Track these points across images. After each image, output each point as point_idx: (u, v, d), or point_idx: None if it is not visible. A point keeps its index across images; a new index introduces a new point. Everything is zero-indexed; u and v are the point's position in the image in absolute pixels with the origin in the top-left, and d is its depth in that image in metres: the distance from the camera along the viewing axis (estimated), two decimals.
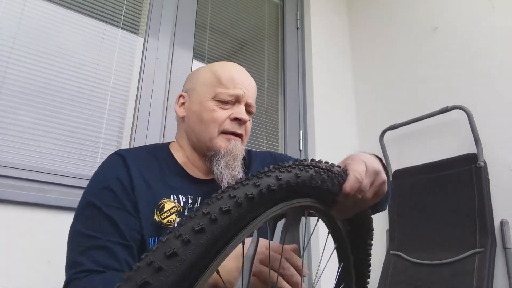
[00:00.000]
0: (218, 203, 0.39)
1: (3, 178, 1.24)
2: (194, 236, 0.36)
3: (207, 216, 0.38)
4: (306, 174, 0.48)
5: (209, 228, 0.37)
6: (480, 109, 1.70)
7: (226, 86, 0.89)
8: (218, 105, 0.88)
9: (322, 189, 0.51)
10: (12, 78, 1.36)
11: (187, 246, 0.35)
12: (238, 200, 0.40)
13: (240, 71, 0.94)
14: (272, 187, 0.44)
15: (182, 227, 0.37)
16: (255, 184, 0.43)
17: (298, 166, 0.48)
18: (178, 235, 0.36)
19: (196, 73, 0.97)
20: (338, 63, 2.39)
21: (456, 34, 1.91)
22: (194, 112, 0.90)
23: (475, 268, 1.48)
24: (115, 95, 1.58)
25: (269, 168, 0.46)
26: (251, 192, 0.42)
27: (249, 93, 0.92)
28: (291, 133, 2.09)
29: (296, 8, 2.38)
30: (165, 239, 0.36)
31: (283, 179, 0.45)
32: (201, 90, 0.91)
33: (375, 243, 0.65)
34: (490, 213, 1.55)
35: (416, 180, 1.85)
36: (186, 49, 1.81)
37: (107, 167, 0.84)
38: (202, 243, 0.36)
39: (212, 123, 0.87)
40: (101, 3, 1.62)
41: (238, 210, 0.40)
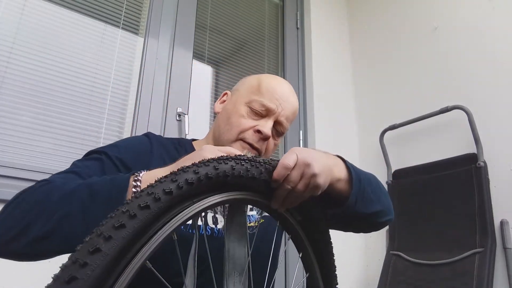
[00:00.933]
0: (136, 201, 0.42)
1: (3, 178, 1.24)
2: (114, 232, 0.39)
3: (125, 213, 0.41)
4: (225, 166, 0.51)
5: (129, 223, 0.40)
6: (480, 109, 1.70)
7: (262, 95, 0.87)
8: (248, 113, 0.87)
9: (249, 179, 0.54)
10: (12, 78, 1.36)
11: (109, 241, 0.38)
12: (155, 196, 0.43)
13: (284, 87, 0.91)
14: (190, 181, 0.46)
15: (103, 227, 0.40)
16: (173, 180, 0.45)
17: (217, 160, 0.51)
18: (100, 233, 0.39)
19: (248, 77, 0.97)
20: (338, 63, 2.39)
21: (456, 34, 1.91)
22: (226, 111, 0.90)
23: (475, 268, 1.48)
24: (115, 95, 1.58)
25: (189, 165, 0.48)
26: (168, 188, 0.44)
27: (284, 112, 0.87)
28: (291, 133, 2.09)
29: (296, 8, 2.38)
30: (88, 239, 0.39)
31: (200, 172, 0.48)
32: (241, 93, 0.91)
33: (375, 243, 0.66)
34: (490, 213, 1.55)
35: (416, 180, 1.85)
36: (186, 49, 1.81)
37: (131, 137, 0.87)
38: (124, 237, 0.39)
39: (236, 126, 0.86)
40: (101, 3, 1.62)
41: (157, 205, 0.43)
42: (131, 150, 0.80)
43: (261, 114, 0.86)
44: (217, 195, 0.51)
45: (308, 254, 0.66)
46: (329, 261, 0.68)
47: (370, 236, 2.06)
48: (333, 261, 0.68)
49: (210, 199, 0.50)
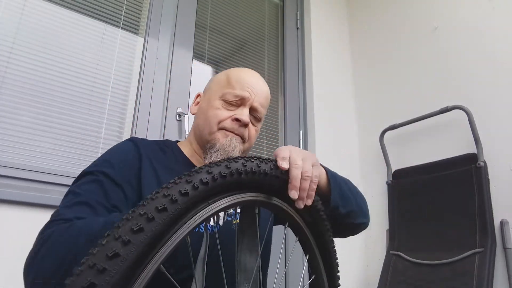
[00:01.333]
0: (153, 203, 0.41)
1: (3, 178, 1.24)
2: (133, 236, 0.37)
3: (144, 216, 0.39)
4: (236, 164, 0.51)
5: (147, 227, 0.39)
6: (480, 109, 1.70)
7: (233, 87, 0.90)
8: (223, 105, 0.89)
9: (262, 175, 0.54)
10: (12, 78, 1.36)
11: (127, 246, 0.37)
12: (172, 198, 0.42)
13: (252, 75, 0.94)
14: (205, 180, 0.46)
15: (120, 229, 0.38)
16: (188, 180, 0.45)
17: (227, 159, 0.51)
18: (118, 236, 0.37)
19: (216, 75, 1.00)
20: (338, 63, 2.39)
21: (456, 34, 1.91)
22: (202, 109, 0.93)
23: (475, 268, 1.48)
24: (115, 95, 1.58)
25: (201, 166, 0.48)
26: (184, 189, 0.43)
27: (257, 98, 0.91)
28: (291, 133, 2.09)
29: (296, 8, 2.38)
30: (104, 242, 0.37)
31: (214, 172, 0.47)
32: (213, 90, 0.94)
33: (375, 243, 0.66)
34: (490, 213, 1.55)
35: (416, 180, 1.85)
36: (186, 49, 1.81)
37: (116, 147, 0.87)
38: (142, 242, 0.38)
39: (213, 118, 0.88)
40: (101, 3, 1.62)
41: (174, 207, 0.42)
42: (123, 161, 0.80)
43: (236, 104, 0.89)
44: (231, 197, 0.50)
45: (315, 256, 0.66)
46: (334, 263, 0.68)
47: (370, 236, 2.06)
48: (336, 263, 0.68)
49: (224, 201, 0.49)
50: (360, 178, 2.19)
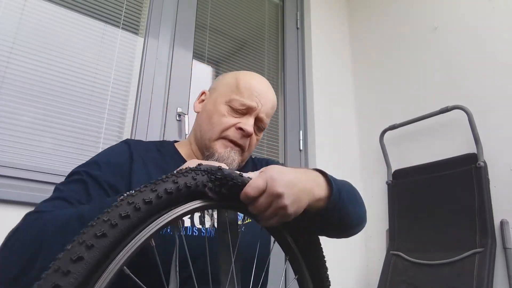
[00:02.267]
0: (117, 210, 0.44)
1: (3, 178, 1.24)
2: (96, 241, 0.40)
3: (107, 222, 0.42)
4: (202, 178, 0.53)
5: (110, 232, 0.41)
6: (480, 109, 1.70)
7: (242, 94, 0.88)
8: (229, 111, 0.88)
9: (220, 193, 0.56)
10: (12, 78, 1.36)
11: (91, 250, 0.39)
12: (136, 206, 0.44)
13: (262, 83, 0.92)
14: (169, 190, 0.48)
15: (84, 235, 0.41)
16: (152, 189, 0.47)
17: (194, 170, 0.53)
18: (82, 241, 0.40)
19: (225, 75, 0.98)
20: (338, 63, 2.39)
21: (456, 34, 1.91)
22: (206, 111, 0.91)
23: (475, 268, 1.48)
24: (115, 95, 1.58)
25: (166, 175, 0.50)
26: (148, 197, 0.46)
27: (264, 108, 0.89)
28: (291, 133, 2.09)
29: (296, 8, 2.38)
30: (69, 247, 0.39)
31: (179, 183, 0.50)
32: (220, 92, 0.91)
33: (375, 243, 0.66)
34: (490, 213, 1.55)
35: (416, 180, 1.85)
36: (186, 49, 1.81)
37: (109, 149, 0.88)
38: (105, 246, 0.41)
39: (218, 125, 0.87)
40: (101, 3, 1.62)
41: (137, 215, 0.44)
42: (112, 164, 0.80)
43: (242, 112, 0.87)
44: (194, 202, 0.52)
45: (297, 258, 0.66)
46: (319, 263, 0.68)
47: (370, 236, 2.06)
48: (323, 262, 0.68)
49: (186, 206, 0.51)
50: (360, 178, 2.19)
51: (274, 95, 0.94)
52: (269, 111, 0.92)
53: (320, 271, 0.68)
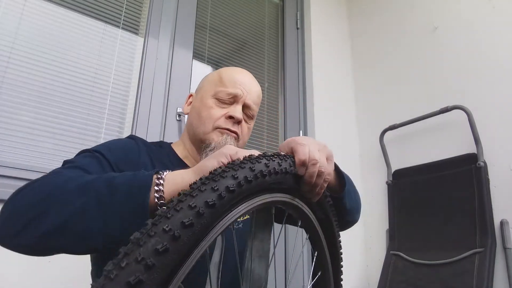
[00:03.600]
0: (178, 216, 0.36)
1: (3, 178, 1.24)
2: (157, 258, 0.33)
3: (169, 233, 0.35)
4: (259, 165, 0.47)
5: (172, 246, 0.34)
6: (480, 109, 1.70)
7: (226, 85, 0.91)
8: (216, 103, 0.91)
9: (282, 174, 0.51)
10: (12, 78, 1.36)
11: (151, 270, 0.33)
12: (199, 210, 0.37)
13: (243, 73, 0.96)
14: (231, 188, 0.41)
15: (142, 249, 0.33)
16: (213, 188, 0.40)
17: (250, 160, 0.47)
18: (140, 259, 0.33)
19: (208, 74, 1.01)
20: (338, 63, 2.39)
21: (456, 34, 1.91)
22: (195, 109, 0.94)
23: (475, 268, 1.48)
24: (115, 95, 1.58)
25: (222, 168, 0.44)
26: (211, 199, 0.39)
27: (250, 96, 0.93)
28: (291, 133, 2.09)
29: (296, 8, 2.38)
30: (124, 264, 0.32)
31: (239, 177, 0.43)
32: (205, 89, 0.95)
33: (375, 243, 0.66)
34: (490, 213, 1.55)
35: (416, 180, 1.85)
36: (186, 49, 1.81)
37: (116, 140, 0.87)
38: (167, 264, 0.34)
39: (208, 119, 0.90)
40: (101, 3, 1.62)
41: (200, 221, 0.37)
42: (121, 151, 0.80)
43: (229, 101, 0.91)
44: (249, 201, 0.46)
45: (324, 253, 0.66)
46: (339, 257, 0.68)
47: (370, 236, 2.06)
48: (341, 260, 0.68)
49: (244, 206, 0.45)
50: (360, 178, 2.19)
51: (258, 85, 0.98)
52: (255, 99, 0.95)
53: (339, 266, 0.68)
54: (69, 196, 0.55)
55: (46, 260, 1.22)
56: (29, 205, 0.55)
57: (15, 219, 0.55)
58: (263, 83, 2.13)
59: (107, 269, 0.32)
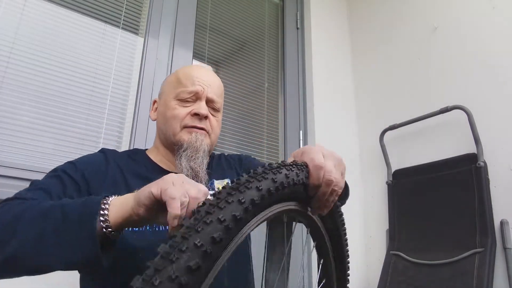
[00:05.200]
0: (208, 230, 0.35)
1: (3, 178, 1.24)
2: (191, 277, 0.32)
3: (201, 249, 0.34)
4: (280, 176, 0.46)
5: (204, 263, 0.33)
6: (480, 109, 1.70)
7: (184, 84, 0.92)
8: (180, 104, 0.92)
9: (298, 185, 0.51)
10: (12, 78, 1.36)
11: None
12: (229, 225, 0.37)
13: (199, 69, 0.97)
14: (257, 201, 0.41)
15: (175, 264, 0.32)
16: (241, 201, 0.39)
17: (271, 170, 0.46)
18: (174, 277, 0.31)
19: (166, 78, 1.02)
20: (338, 63, 2.39)
21: (456, 34, 1.91)
22: (160, 113, 0.96)
23: (475, 268, 1.48)
24: (115, 95, 1.58)
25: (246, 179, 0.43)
26: (238, 213, 0.38)
27: (210, 89, 0.94)
28: (291, 133, 2.09)
29: (296, 8, 2.38)
30: (157, 283, 0.31)
31: (263, 189, 0.42)
32: (166, 93, 0.96)
33: (375, 243, 0.66)
34: (490, 213, 1.55)
35: (416, 180, 1.85)
36: (186, 49, 1.81)
37: (85, 156, 0.90)
38: (199, 282, 0.33)
39: (173, 119, 0.91)
40: (101, 3, 1.62)
41: (229, 235, 0.37)
42: (88, 164, 0.83)
43: (191, 99, 0.92)
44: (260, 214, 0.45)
45: (329, 261, 0.66)
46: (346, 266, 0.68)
47: (370, 236, 2.06)
48: (348, 268, 0.68)
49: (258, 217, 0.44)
50: (360, 178, 2.19)
51: (217, 77, 0.99)
52: (217, 90, 0.96)
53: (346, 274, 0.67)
54: (27, 226, 0.60)
55: None
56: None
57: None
58: (263, 83, 2.13)
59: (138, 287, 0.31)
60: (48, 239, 0.58)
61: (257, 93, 2.09)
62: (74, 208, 0.62)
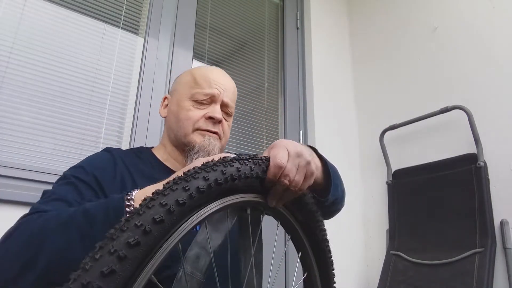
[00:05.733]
0: (149, 213, 0.39)
1: (3, 178, 1.24)
2: (129, 251, 0.36)
3: (140, 228, 0.37)
4: (231, 169, 0.49)
5: (144, 240, 0.37)
6: (480, 109, 1.70)
7: (201, 86, 0.91)
8: (194, 105, 0.90)
9: (251, 179, 0.53)
10: (12, 78, 1.36)
11: (123, 261, 0.35)
12: (170, 208, 0.40)
13: (217, 72, 0.95)
14: (202, 189, 0.44)
15: (115, 241, 0.36)
16: (185, 188, 0.43)
17: (223, 163, 0.49)
18: (113, 250, 0.35)
19: (180, 75, 1.00)
20: (338, 63, 2.39)
21: (456, 34, 1.91)
22: (173, 112, 0.94)
23: (475, 268, 1.48)
24: (115, 95, 1.58)
25: (195, 170, 0.46)
26: (182, 198, 0.42)
27: (226, 93, 0.93)
28: (291, 133, 2.09)
29: (296, 8, 2.38)
30: (98, 256, 0.34)
31: (210, 179, 0.46)
32: (180, 91, 0.94)
33: (375, 243, 0.66)
34: (490, 213, 1.55)
35: (416, 180, 1.85)
36: (186, 49, 1.81)
37: (91, 156, 0.89)
38: (138, 256, 0.36)
39: (187, 120, 0.89)
40: (101, 3, 1.62)
41: (170, 218, 0.40)
42: (95, 166, 0.82)
43: (207, 102, 0.90)
44: (217, 202, 0.49)
45: (307, 254, 0.66)
46: (327, 260, 0.68)
47: (370, 236, 2.06)
48: (331, 260, 0.68)
49: (211, 206, 0.48)
50: (360, 178, 2.19)
51: (232, 81, 0.98)
52: (231, 96, 0.95)
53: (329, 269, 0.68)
54: (52, 236, 0.59)
55: None
56: (18, 251, 0.59)
57: (8, 266, 0.58)
58: (263, 83, 2.13)
59: (83, 262, 0.35)
60: (76, 247, 0.57)
61: (257, 93, 2.09)
62: (98, 209, 0.61)
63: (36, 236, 0.59)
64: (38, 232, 0.60)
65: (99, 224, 0.58)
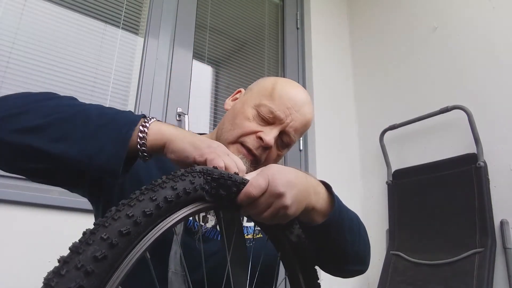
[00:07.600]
0: (116, 225, 0.38)
1: (3, 178, 1.24)
2: (96, 265, 0.35)
3: (107, 241, 0.37)
4: (198, 180, 0.49)
5: (110, 253, 0.36)
6: (480, 109, 1.70)
7: (273, 101, 0.79)
8: (255, 117, 0.79)
9: (222, 195, 0.52)
10: (12, 78, 1.36)
11: (90, 276, 0.34)
12: (137, 220, 0.40)
13: (299, 95, 0.82)
14: (169, 199, 0.44)
15: (81, 256, 0.35)
16: (152, 198, 0.43)
17: (191, 173, 0.49)
18: (80, 266, 0.34)
19: (266, 78, 0.90)
20: (338, 63, 2.39)
21: (456, 34, 1.91)
22: (234, 110, 0.84)
23: (475, 268, 1.48)
24: (115, 95, 1.58)
25: (162, 180, 0.46)
26: (149, 209, 0.41)
27: (293, 124, 0.80)
28: None
29: (296, 8, 2.38)
30: (64, 272, 0.33)
31: (178, 188, 0.46)
32: (253, 94, 0.84)
33: (375, 243, 0.65)
34: (490, 213, 1.55)
35: (416, 180, 1.85)
36: (186, 49, 1.81)
37: None
38: (105, 270, 0.36)
39: (238, 129, 0.79)
40: (101, 3, 1.62)
41: (137, 230, 0.40)
42: None
43: (268, 120, 0.79)
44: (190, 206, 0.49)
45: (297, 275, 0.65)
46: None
47: (370, 236, 2.05)
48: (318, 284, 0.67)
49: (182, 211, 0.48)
50: (360, 178, 2.19)
51: (311, 112, 0.84)
52: (299, 128, 0.81)
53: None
54: (60, 106, 0.60)
55: (46, 260, 1.22)
56: (19, 102, 0.61)
57: (8, 105, 0.59)
58: None
59: (47, 278, 0.33)
60: (73, 124, 0.57)
61: None
62: (113, 112, 0.62)
63: (44, 99, 0.62)
64: (48, 98, 0.63)
65: (107, 119, 0.59)
